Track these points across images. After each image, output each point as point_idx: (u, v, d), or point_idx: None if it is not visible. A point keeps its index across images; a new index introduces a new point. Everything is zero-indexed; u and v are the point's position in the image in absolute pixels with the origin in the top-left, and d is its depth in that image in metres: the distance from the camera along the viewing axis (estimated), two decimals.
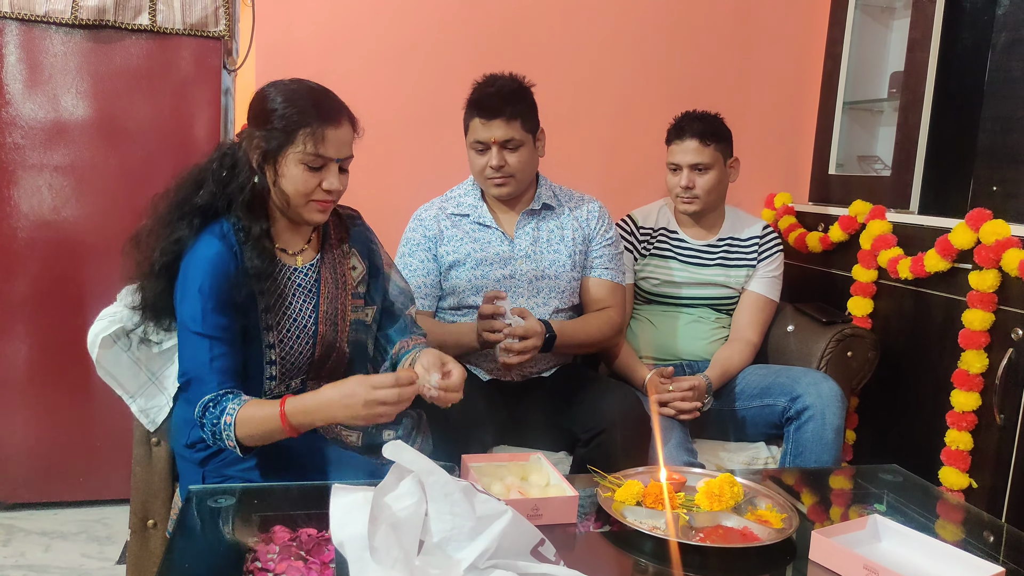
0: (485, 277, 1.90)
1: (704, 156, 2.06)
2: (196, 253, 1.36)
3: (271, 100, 1.37)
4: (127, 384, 1.47)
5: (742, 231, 2.19)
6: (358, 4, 2.35)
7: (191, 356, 1.33)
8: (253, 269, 1.36)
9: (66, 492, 2.23)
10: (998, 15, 2.28)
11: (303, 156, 1.35)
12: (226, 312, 1.34)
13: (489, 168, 1.86)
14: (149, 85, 2.14)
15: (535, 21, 2.46)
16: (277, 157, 1.36)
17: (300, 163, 1.35)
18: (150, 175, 2.16)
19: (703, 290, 2.15)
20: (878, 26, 2.58)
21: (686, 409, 1.89)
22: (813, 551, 1.20)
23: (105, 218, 2.15)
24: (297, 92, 1.38)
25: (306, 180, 1.36)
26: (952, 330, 1.96)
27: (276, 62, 2.29)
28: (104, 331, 1.44)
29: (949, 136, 2.29)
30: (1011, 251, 1.80)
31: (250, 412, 1.29)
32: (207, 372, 1.31)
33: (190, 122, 2.18)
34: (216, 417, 1.29)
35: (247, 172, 1.37)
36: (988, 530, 1.41)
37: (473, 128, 1.88)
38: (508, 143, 1.85)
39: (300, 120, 1.34)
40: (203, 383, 1.31)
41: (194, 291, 1.33)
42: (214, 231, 1.38)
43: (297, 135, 1.34)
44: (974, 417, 1.91)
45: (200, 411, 1.30)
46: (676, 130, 2.11)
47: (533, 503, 1.21)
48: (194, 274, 1.34)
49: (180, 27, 2.12)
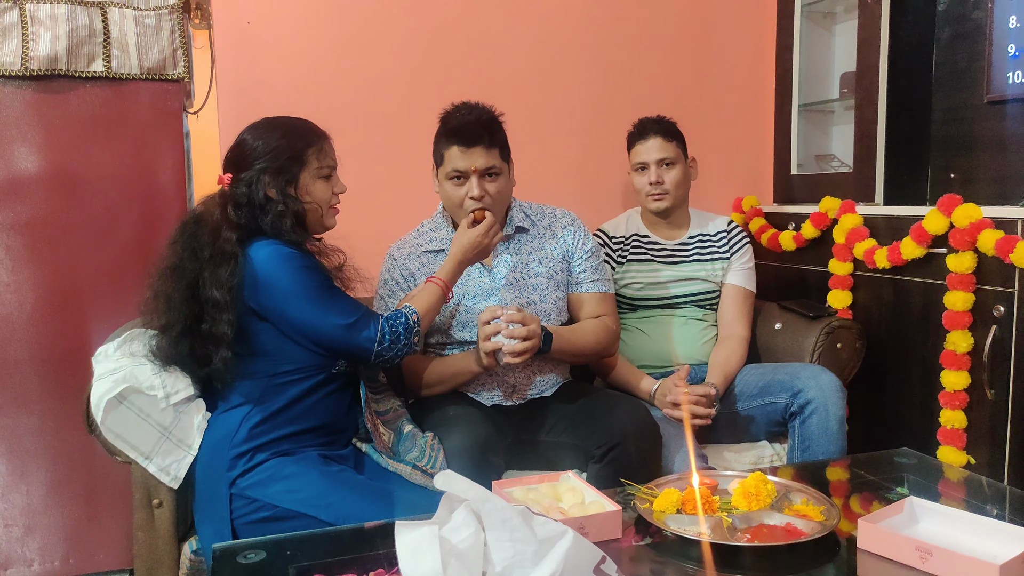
0: (469, 311, 1.85)
1: (669, 151, 2.15)
2: (269, 254, 1.52)
3: (264, 141, 1.58)
4: (140, 445, 1.39)
5: (709, 227, 2.26)
6: (320, 39, 2.32)
7: (340, 306, 1.54)
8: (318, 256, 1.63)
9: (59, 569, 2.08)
10: (939, 11, 2.39)
11: (318, 170, 1.61)
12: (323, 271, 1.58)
13: (469, 199, 1.81)
14: (108, 133, 2.05)
15: (495, 46, 2.47)
16: (296, 181, 1.57)
17: (318, 177, 1.61)
18: (115, 226, 2.06)
19: (686, 286, 2.18)
20: (822, 31, 2.69)
21: (701, 415, 1.88)
22: (862, 539, 1.20)
23: (70, 275, 2.04)
24: (284, 125, 1.62)
25: (325, 189, 1.62)
26: (934, 313, 2.02)
27: (240, 102, 2.23)
28: (109, 392, 1.35)
29: (904, 129, 2.38)
30: (986, 232, 1.87)
31: (418, 301, 1.66)
32: (363, 309, 1.57)
33: (153, 168, 2.10)
34: (403, 322, 1.58)
35: (275, 203, 1.55)
36: (1014, 499, 1.44)
37: (450, 158, 1.82)
38: (489, 171, 1.81)
39: (305, 143, 1.59)
40: (368, 318, 1.57)
41: (292, 267, 1.51)
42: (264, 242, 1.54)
43: (307, 155, 1.59)
44: (965, 395, 1.96)
45: (386, 326, 1.56)
46: (639, 131, 2.20)
47: (579, 522, 1.18)
48: (277, 259, 1.51)
49: (137, 72, 2.05)
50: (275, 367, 1.53)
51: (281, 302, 1.50)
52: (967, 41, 2.32)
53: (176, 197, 2.11)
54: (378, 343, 1.54)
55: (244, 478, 1.42)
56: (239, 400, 1.52)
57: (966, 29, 2.33)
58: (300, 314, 1.50)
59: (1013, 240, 1.81)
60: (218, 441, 1.48)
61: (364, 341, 1.53)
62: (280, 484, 1.41)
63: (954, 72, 2.37)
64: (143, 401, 1.41)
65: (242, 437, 1.46)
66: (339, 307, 1.53)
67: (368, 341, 1.54)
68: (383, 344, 1.54)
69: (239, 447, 1.45)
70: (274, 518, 1.39)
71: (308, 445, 1.49)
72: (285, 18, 2.29)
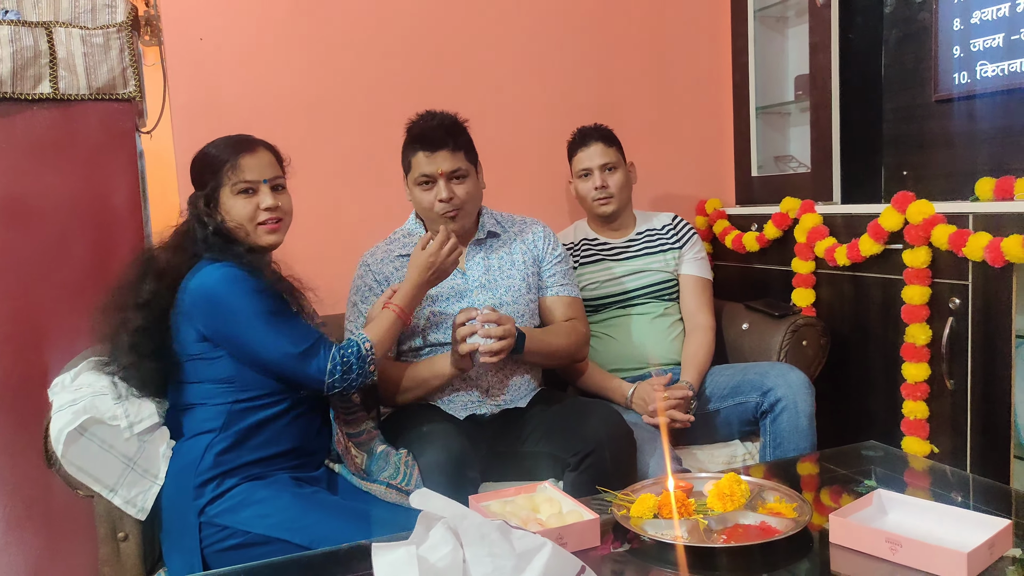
0: (443, 313, 1.88)
1: (610, 156, 2.22)
2: (214, 276, 1.47)
3: (201, 157, 1.58)
4: (103, 477, 1.35)
5: (654, 222, 2.32)
6: (275, 54, 2.30)
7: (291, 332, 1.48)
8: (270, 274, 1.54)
9: None
10: (886, 14, 2.46)
11: (231, 187, 1.54)
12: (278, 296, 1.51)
13: (439, 202, 1.85)
14: (58, 157, 2.00)
15: (455, 57, 2.47)
16: (216, 199, 1.54)
17: (233, 194, 1.54)
18: (67, 251, 2.01)
19: (641, 278, 2.23)
20: (775, 34, 2.74)
21: (680, 419, 1.90)
22: (833, 534, 1.22)
23: (23, 304, 1.98)
24: (217, 141, 1.60)
25: (243, 206, 1.54)
26: (894, 307, 2.06)
27: (194, 119, 2.20)
28: (69, 424, 1.31)
29: (858, 129, 2.44)
30: (939, 227, 1.92)
31: (373, 329, 1.60)
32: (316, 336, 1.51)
33: (107, 191, 2.05)
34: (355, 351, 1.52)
35: (202, 222, 1.52)
36: (978, 487, 1.47)
37: (417, 163, 1.86)
38: (455, 173, 1.85)
39: (220, 159, 1.55)
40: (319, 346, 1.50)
41: (241, 290, 1.46)
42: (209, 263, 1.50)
43: (222, 172, 1.54)
44: (926, 386, 2.01)
45: (337, 356, 1.50)
46: (580, 139, 2.26)
47: (557, 532, 1.17)
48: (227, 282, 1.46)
49: (86, 92, 2.00)
50: (236, 394, 1.49)
51: (231, 327, 1.46)
52: (914, 42, 2.39)
53: (131, 219, 2.06)
54: (328, 374, 1.49)
55: (213, 505, 1.39)
56: (202, 427, 1.47)
57: (913, 30, 2.39)
58: (249, 340, 1.46)
59: (965, 234, 1.86)
60: (182, 469, 1.44)
61: (315, 372, 1.48)
62: (251, 509, 1.38)
63: (903, 72, 2.43)
64: (105, 432, 1.37)
65: (208, 464, 1.42)
66: (290, 334, 1.47)
67: (319, 372, 1.48)
68: (334, 376, 1.50)
69: (205, 474, 1.41)
70: (246, 544, 1.35)
71: (279, 468, 1.46)
72: (238, 34, 2.26)
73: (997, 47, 2.10)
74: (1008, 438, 1.86)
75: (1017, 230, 1.76)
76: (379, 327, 1.61)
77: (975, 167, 2.22)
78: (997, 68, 2.10)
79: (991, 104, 2.18)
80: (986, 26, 2.11)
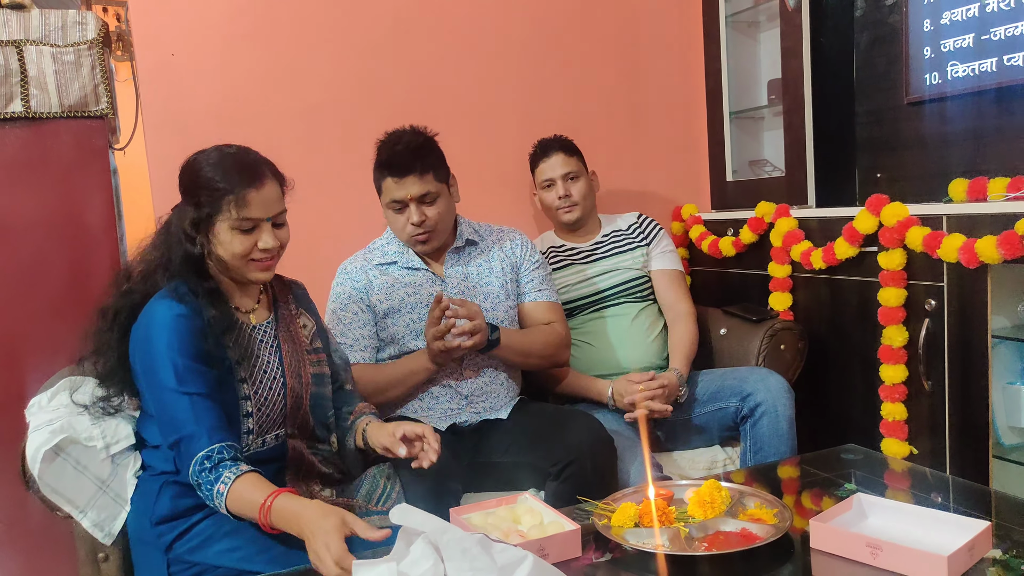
0: (422, 320, 1.89)
1: (572, 165, 2.27)
2: (154, 318, 1.35)
3: (197, 172, 1.43)
4: (75, 499, 1.34)
5: (619, 223, 2.36)
6: (247, 68, 2.29)
7: (174, 416, 1.30)
8: (215, 322, 1.37)
9: None
10: (857, 17, 2.49)
11: (232, 222, 1.39)
12: (201, 368, 1.33)
13: (411, 225, 1.88)
14: (31, 175, 1.98)
15: (426, 67, 2.47)
16: (209, 226, 1.40)
17: (231, 229, 1.40)
18: (43, 270, 1.98)
19: (612, 277, 2.26)
20: (748, 39, 2.76)
21: (658, 409, 1.91)
22: (814, 539, 1.22)
23: None
24: (218, 160, 1.43)
25: (241, 243, 1.40)
26: (870, 310, 2.08)
27: (167, 135, 2.19)
28: (45, 444, 1.30)
29: (831, 133, 2.47)
30: (913, 229, 1.94)
31: (239, 491, 1.26)
32: (196, 429, 1.29)
33: (81, 208, 2.03)
34: (211, 482, 1.27)
35: (181, 242, 1.41)
36: (958, 489, 1.49)
37: (387, 189, 1.88)
38: (424, 197, 1.87)
39: (223, 188, 1.39)
40: (193, 440, 1.29)
41: (163, 352, 1.32)
42: (163, 296, 1.38)
43: (222, 203, 1.39)
44: (904, 388, 2.02)
45: (197, 469, 1.27)
46: (541, 151, 2.31)
47: (539, 544, 1.17)
48: (159, 335, 1.33)
49: (58, 110, 1.98)
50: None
51: (141, 376, 1.37)
52: (885, 45, 2.42)
53: (106, 237, 2.04)
54: (192, 475, 1.29)
55: (180, 542, 1.35)
56: (157, 467, 1.42)
57: (883, 33, 2.42)
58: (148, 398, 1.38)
59: (939, 236, 1.88)
60: (142, 510, 1.40)
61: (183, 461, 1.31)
62: (220, 544, 1.33)
63: (874, 75, 2.46)
64: (80, 452, 1.36)
65: (165, 507, 1.37)
66: (167, 418, 1.32)
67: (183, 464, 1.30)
68: (195, 480, 1.29)
69: (164, 514, 1.37)
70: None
71: None
72: (210, 49, 2.25)
73: (967, 47, 2.13)
74: (987, 438, 1.88)
75: (990, 231, 1.78)
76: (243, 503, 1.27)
77: (948, 168, 2.25)
78: (968, 68, 2.13)
79: (962, 105, 2.21)
80: (956, 26, 2.14)
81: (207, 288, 1.41)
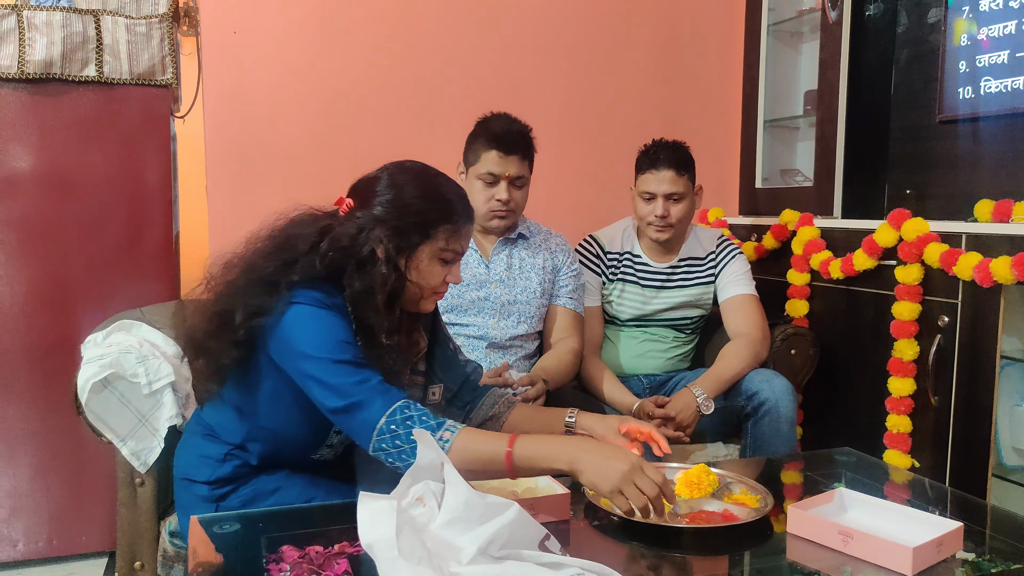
0: (460, 297, 1.98)
1: (679, 186, 2.09)
2: (311, 305, 1.27)
3: (400, 190, 1.33)
4: (117, 428, 1.47)
5: (699, 249, 2.24)
6: (303, 47, 2.42)
7: (346, 383, 1.23)
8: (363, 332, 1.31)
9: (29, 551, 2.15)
10: (899, 33, 2.51)
11: (442, 252, 1.34)
12: (355, 348, 1.27)
13: (496, 200, 1.96)
14: (99, 135, 2.14)
15: (480, 51, 2.57)
16: (412, 252, 1.32)
17: (437, 259, 1.34)
18: (103, 225, 2.15)
19: (672, 312, 2.23)
20: (789, 49, 2.80)
21: (671, 437, 1.94)
22: (791, 524, 1.29)
23: (60, 269, 2.13)
24: (432, 184, 1.36)
25: (439, 274, 1.35)
26: (883, 322, 2.12)
27: (225, 107, 2.33)
28: (94, 376, 1.44)
29: (863, 146, 2.51)
30: (932, 245, 1.98)
31: (474, 437, 1.23)
32: (375, 392, 1.23)
33: (141, 170, 2.19)
34: (431, 427, 1.21)
35: (377, 264, 1.31)
36: (938, 494, 1.54)
37: (487, 159, 1.95)
38: (518, 180, 1.97)
39: (441, 215, 1.33)
40: (375, 401, 1.22)
41: (323, 325, 1.25)
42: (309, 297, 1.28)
43: (437, 230, 1.33)
44: (911, 401, 2.07)
45: (399, 415, 1.21)
46: (650, 160, 2.11)
47: (529, 502, 1.26)
48: (314, 314, 1.26)
49: (127, 77, 2.13)
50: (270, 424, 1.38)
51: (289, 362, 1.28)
52: (923, 63, 2.44)
53: (161, 198, 2.20)
54: (386, 424, 1.22)
55: (227, 500, 1.40)
56: (224, 436, 1.41)
57: (923, 51, 2.45)
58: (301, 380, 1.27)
59: (956, 253, 1.92)
60: (195, 465, 1.41)
61: (360, 425, 1.24)
62: (267, 500, 1.39)
63: (911, 92, 2.49)
64: (125, 387, 1.50)
65: (227, 470, 1.39)
66: (335, 385, 1.24)
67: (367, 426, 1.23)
68: (390, 429, 1.22)
69: (226, 476, 1.40)
70: None
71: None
72: (270, 29, 2.39)
73: (1002, 63, 2.15)
74: (987, 456, 1.91)
75: (1007, 251, 1.81)
76: (476, 452, 1.23)
77: (977, 189, 2.27)
78: (1001, 84, 2.15)
79: (994, 126, 2.23)
80: (992, 43, 2.17)
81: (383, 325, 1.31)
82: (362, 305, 1.29)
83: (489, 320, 1.98)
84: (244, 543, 1.20)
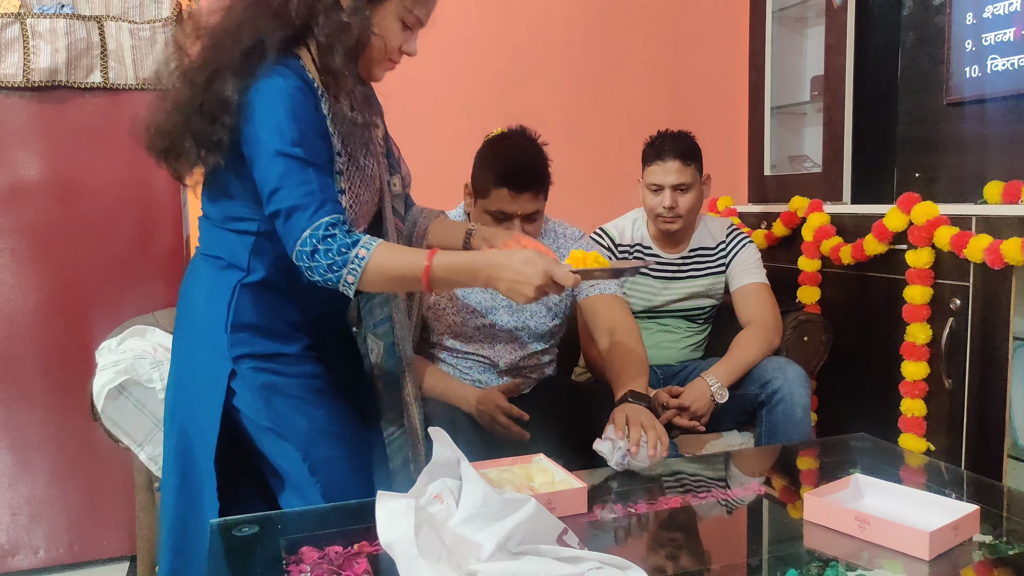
0: (465, 324, 1.90)
1: (686, 176, 2.08)
2: (272, 84, 1.23)
3: None
4: (134, 433, 1.49)
5: (709, 239, 2.23)
6: None
7: (288, 182, 1.19)
8: (336, 110, 1.29)
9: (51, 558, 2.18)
10: (904, 16, 2.50)
11: (405, 13, 1.32)
12: (317, 141, 1.23)
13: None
14: (105, 141, 2.15)
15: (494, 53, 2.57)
16: (376, 6, 1.29)
17: (399, 18, 1.32)
18: (113, 231, 2.16)
19: (683, 303, 2.22)
20: (794, 35, 2.79)
21: (685, 426, 1.94)
22: (807, 511, 1.29)
23: (71, 275, 2.14)
24: None
25: (397, 36, 1.32)
26: (895, 307, 2.12)
27: None
28: (110, 383, 1.45)
29: (871, 131, 2.49)
30: (942, 228, 1.97)
31: (390, 252, 1.21)
32: (317, 200, 1.19)
33: (149, 175, 2.19)
34: (346, 245, 1.18)
35: (341, 11, 1.26)
36: (954, 477, 1.54)
37: (498, 198, 1.78)
38: (533, 216, 1.82)
39: None
40: (314, 206, 1.19)
41: (282, 112, 1.21)
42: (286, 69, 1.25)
43: None
44: (925, 385, 2.06)
45: (322, 232, 1.18)
46: (656, 151, 2.10)
47: (546, 497, 1.27)
48: (276, 98, 1.22)
49: (133, 82, 2.14)
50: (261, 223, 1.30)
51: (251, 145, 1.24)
52: (930, 45, 2.43)
53: (170, 202, 2.21)
54: (311, 237, 1.20)
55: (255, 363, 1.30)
56: (226, 257, 1.32)
57: (929, 33, 2.43)
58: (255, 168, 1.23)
59: (967, 236, 1.91)
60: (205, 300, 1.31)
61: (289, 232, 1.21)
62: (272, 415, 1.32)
63: (918, 75, 2.47)
64: (141, 392, 1.51)
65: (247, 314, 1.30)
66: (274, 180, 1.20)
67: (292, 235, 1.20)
68: (315, 245, 1.20)
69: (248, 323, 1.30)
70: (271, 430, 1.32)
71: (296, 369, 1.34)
72: None
73: (1008, 41, 2.13)
74: (1002, 438, 1.91)
75: (1017, 233, 1.80)
76: (393, 266, 1.23)
77: (986, 170, 2.26)
78: (1007, 62, 2.14)
79: (1001, 108, 2.22)
80: (998, 20, 2.15)
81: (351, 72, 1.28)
82: (329, 52, 1.25)
83: (497, 346, 1.92)
84: (263, 545, 1.21)
